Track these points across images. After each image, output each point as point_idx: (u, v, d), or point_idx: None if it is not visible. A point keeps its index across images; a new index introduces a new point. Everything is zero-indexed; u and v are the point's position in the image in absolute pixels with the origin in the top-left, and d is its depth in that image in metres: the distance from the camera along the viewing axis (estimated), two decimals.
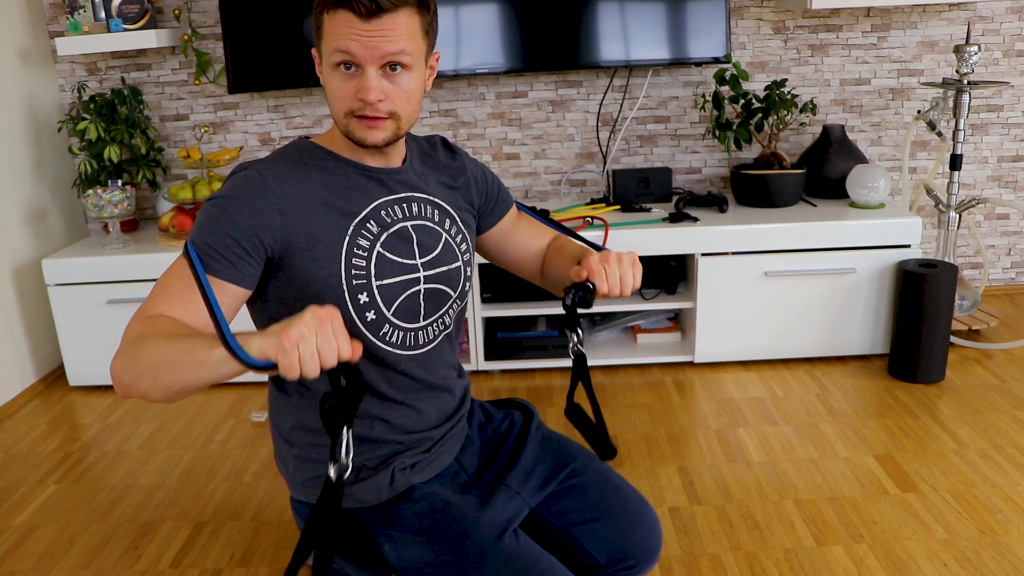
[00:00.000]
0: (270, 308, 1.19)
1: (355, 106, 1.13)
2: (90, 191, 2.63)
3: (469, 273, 1.33)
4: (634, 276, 1.21)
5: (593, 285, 1.20)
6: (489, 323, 2.76)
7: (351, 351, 0.91)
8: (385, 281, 1.20)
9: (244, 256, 1.10)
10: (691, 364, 2.68)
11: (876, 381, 2.49)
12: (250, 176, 1.14)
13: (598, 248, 1.33)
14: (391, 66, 1.11)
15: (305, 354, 0.87)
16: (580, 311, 1.24)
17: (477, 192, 1.37)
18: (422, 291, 1.24)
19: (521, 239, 1.46)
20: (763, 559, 1.70)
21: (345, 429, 0.96)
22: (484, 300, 2.65)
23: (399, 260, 1.21)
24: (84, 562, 1.82)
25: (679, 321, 2.81)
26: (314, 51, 1.19)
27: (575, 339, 1.27)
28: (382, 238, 1.19)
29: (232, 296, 1.11)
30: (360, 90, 1.11)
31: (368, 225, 1.19)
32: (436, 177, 1.31)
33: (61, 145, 2.97)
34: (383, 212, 1.21)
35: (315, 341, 0.87)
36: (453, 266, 1.28)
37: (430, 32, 1.15)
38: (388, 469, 1.26)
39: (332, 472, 0.97)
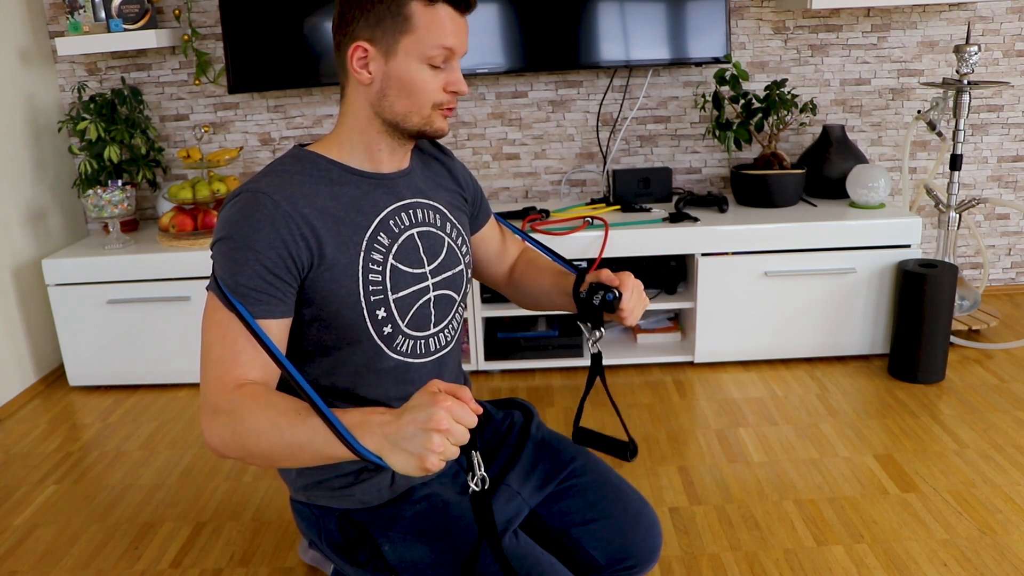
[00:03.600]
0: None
1: (444, 99, 1.15)
2: (90, 191, 2.63)
3: (469, 275, 1.33)
4: (642, 310, 1.27)
5: (620, 295, 1.22)
6: (489, 323, 2.76)
7: (475, 420, 0.90)
8: (400, 293, 1.19)
9: (286, 289, 1.10)
10: (691, 364, 2.68)
11: (876, 381, 2.49)
12: (262, 203, 1.09)
13: (575, 269, 1.37)
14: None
15: (442, 460, 0.87)
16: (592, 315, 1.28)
17: (469, 195, 1.38)
18: (432, 298, 1.24)
19: (497, 248, 1.48)
20: (763, 559, 1.70)
21: (473, 452, 0.95)
22: (484, 300, 2.65)
23: (410, 271, 1.21)
24: (84, 562, 1.82)
25: (679, 321, 2.81)
26: (365, 43, 1.13)
27: (597, 336, 1.28)
28: (393, 250, 1.19)
29: (286, 328, 1.12)
30: (453, 83, 1.15)
31: (379, 237, 1.18)
32: (435, 178, 1.31)
33: (61, 145, 2.97)
34: (391, 222, 1.20)
35: (450, 447, 0.87)
36: (456, 270, 1.28)
37: None
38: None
39: (474, 485, 0.96)
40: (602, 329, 1.27)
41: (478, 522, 0.97)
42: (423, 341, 1.24)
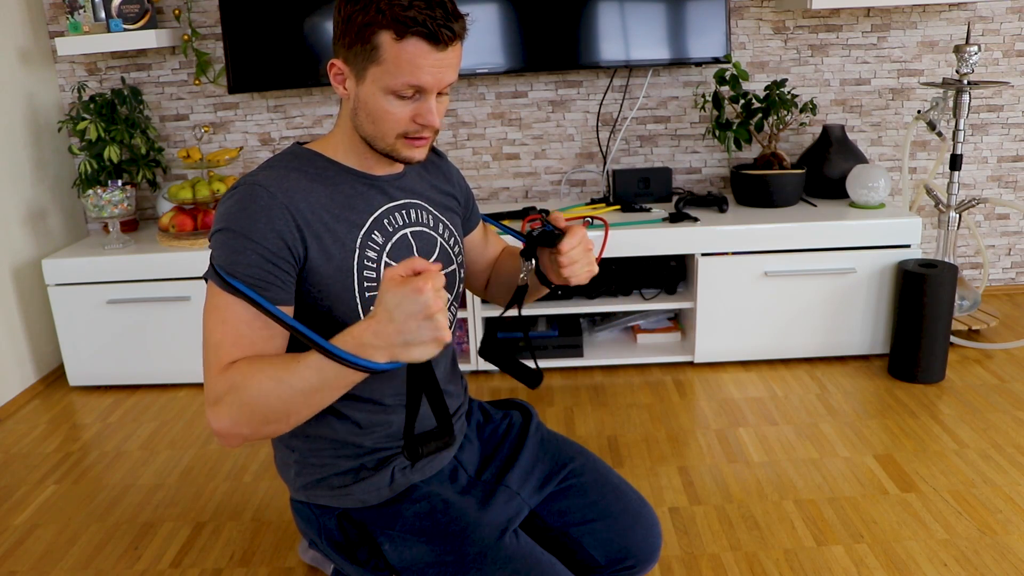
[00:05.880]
0: None
1: (411, 129, 1.12)
2: (90, 191, 2.63)
3: (462, 275, 1.34)
4: (587, 272, 1.24)
5: (561, 234, 1.21)
6: (489, 323, 2.76)
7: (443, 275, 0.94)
8: None
9: (285, 277, 1.10)
10: (691, 364, 2.68)
11: (876, 381, 2.49)
12: (259, 195, 1.10)
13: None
14: (442, 90, 1.12)
15: (444, 325, 0.92)
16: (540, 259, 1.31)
17: (462, 198, 1.38)
18: None
19: (483, 251, 1.49)
20: (763, 559, 1.70)
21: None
22: (484, 300, 2.65)
23: None
24: (84, 562, 1.82)
25: (679, 321, 2.81)
26: (340, 63, 1.12)
27: (528, 266, 1.28)
28: (387, 248, 1.19)
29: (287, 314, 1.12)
30: (421, 115, 1.10)
31: (374, 236, 1.18)
32: (430, 180, 1.32)
33: (61, 145, 2.97)
34: (385, 220, 1.21)
35: (444, 313, 0.91)
36: (449, 270, 1.29)
37: None
38: (388, 469, 1.26)
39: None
40: (533, 261, 1.28)
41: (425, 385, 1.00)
42: None
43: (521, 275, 1.29)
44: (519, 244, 1.52)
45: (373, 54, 1.07)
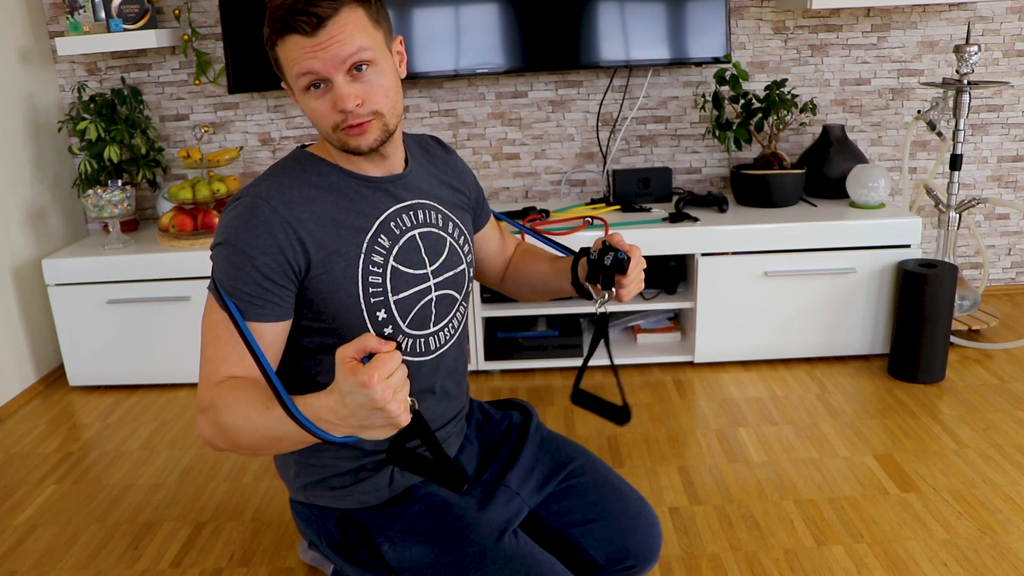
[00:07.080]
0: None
1: (338, 119, 1.11)
2: (90, 191, 2.63)
3: (471, 274, 1.33)
4: (638, 289, 1.25)
5: (629, 259, 1.21)
6: (489, 323, 2.76)
7: (400, 357, 0.91)
8: (401, 295, 1.20)
9: (282, 293, 1.11)
10: (691, 364, 2.68)
11: (876, 381, 2.49)
12: (259, 208, 1.11)
13: (572, 252, 1.36)
14: (356, 67, 1.09)
15: (406, 409, 0.90)
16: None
17: (472, 195, 1.38)
18: (433, 299, 1.24)
19: (501, 248, 1.49)
20: (763, 559, 1.70)
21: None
22: (484, 300, 2.65)
23: (411, 272, 1.21)
24: (84, 562, 1.82)
25: (679, 321, 2.81)
26: (284, 85, 1.17)
27: (606, 296, 1.26)
28: (394, 251, 1.19)
29: (282, 331, 1.13)
30: (336, 101, 1.09)
31: (380, 239, 1.18)
32: (438, 176, 1.31)
33: (61, 145, 2.97)
34: (392, 224, 1.20)
35: (403, 398, 0.89)
36: (458, 269, 1.28)
37: (381, 20, 1.13)
38: (387, 469, 1.26)
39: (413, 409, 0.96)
40: (612, 290, 1.25)
41: (421, 436, 0.97)
42: (423, 340, 1.24)
43: (599, 304, 1.27)
44: (536, 240, 1.52)
45: (278, 66, 1.12)
